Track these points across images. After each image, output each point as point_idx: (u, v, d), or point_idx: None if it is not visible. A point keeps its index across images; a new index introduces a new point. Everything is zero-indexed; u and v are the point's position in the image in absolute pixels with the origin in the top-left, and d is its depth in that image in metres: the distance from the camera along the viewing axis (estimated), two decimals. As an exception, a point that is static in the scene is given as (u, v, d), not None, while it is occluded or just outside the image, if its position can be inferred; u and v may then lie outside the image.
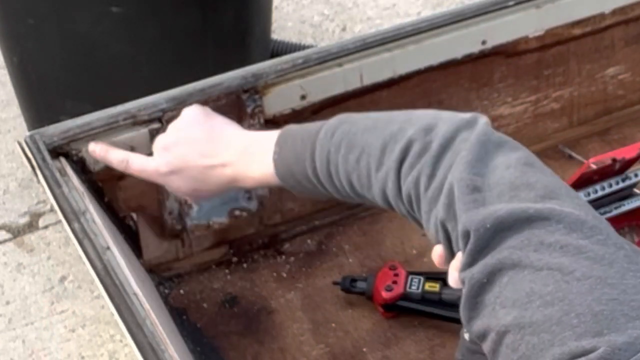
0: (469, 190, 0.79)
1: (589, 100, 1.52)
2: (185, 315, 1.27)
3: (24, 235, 1.78)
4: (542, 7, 1.37)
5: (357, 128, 0.92)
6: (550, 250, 0.72)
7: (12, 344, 1.58)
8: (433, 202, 0.83)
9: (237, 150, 1.04)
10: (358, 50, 1.27)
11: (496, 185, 0.79)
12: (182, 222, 1.28)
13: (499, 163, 0.81)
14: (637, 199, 1.26)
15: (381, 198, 0.90)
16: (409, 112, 0.92)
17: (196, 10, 1.60)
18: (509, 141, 0.84)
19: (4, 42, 1.71)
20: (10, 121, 2.03)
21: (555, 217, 0.74)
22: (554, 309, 0.69)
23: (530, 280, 0.71)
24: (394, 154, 0.87)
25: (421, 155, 0.85)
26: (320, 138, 0.94)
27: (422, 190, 0.84)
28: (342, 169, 0.92)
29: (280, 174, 1.00)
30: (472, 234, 0.76)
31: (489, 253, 0.75)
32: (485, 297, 0.74)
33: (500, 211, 0.76)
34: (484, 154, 0.81)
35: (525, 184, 0.78)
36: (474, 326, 0.76)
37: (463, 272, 0.76)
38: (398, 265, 1.27)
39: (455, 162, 0.82)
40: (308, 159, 0.95)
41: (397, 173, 0.87)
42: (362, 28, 2.29)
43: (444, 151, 0.84)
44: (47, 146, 1.13)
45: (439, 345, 1.23)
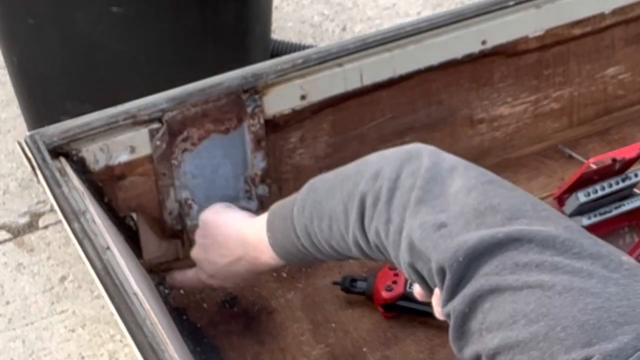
0: (434, 228, 0.79)
1: (589, 100, 1.52)
2: (185, 315, 1.27)
3: (24, 235, 1.78)
4: (542, 7, 1.37)
5: (321, 195, 0.96)
6: (526, 270, 0.72)
7: (12, 344, 1.58)
8: (396, 247, 0.84)
9: (242, 244, 1.11)
10: (358, 50, 1.27)
11: (461, 215, 0.79)
12: (182, 222, 1.28)
13: (459, 188, 0.81)
14: (637, 199, 1.26)
15: (360, 254, 0.93)
16: (359, 163, 0.94)
17: (196, 10, 1.60)
18: (460, 162, 0.85)
19: (4, 42, 1.71)
20: (10, 121, 2.03)
21: (525, 237, 0.74)
22: (539, 325, 0.68)
23: (511, 301, 0.71)
24: (354, 214, 0.89)
25: (375, 204, 0.86)
26: (295, 216, 0.99)
27: (383, 238, 0.85)
28: (322, 237, 0.96)
29: (281, 255, 1.06)
30: (447, 270, 0.76)
31: (466, 284, 0.75)
32: (470, 325, 0.74)
33: (469, 241, 0.75)
34: (439, 185, 0.82)
35: (489, 207, 0.78)
36: (465, 354, 0.76)
37: (445, 308, 0.77)
38: (398, 265, 1.26)
39: (409, 205, 0.82)
40: (293, 236, 1.00)
41: (361, 229, 0.89)
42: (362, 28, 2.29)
43: (393, 193, 0.84)
44: (47, 146, 1.13)
45: (439, 345, 1.23)
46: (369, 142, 1.36)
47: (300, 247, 1.01)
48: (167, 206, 1.26)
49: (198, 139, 1.23)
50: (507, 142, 1.47)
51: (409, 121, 1.37)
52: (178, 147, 1.23)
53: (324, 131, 1.33)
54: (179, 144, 1.23)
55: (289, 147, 1.32)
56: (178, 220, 1.28)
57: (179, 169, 1.24)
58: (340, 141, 1.35)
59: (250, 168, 1.29)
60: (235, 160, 1.29)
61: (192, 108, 1.21)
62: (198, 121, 1.22)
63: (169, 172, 1.24)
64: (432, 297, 0.83)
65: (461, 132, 1.43)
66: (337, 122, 1.33)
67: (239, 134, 1.26)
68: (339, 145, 1.35)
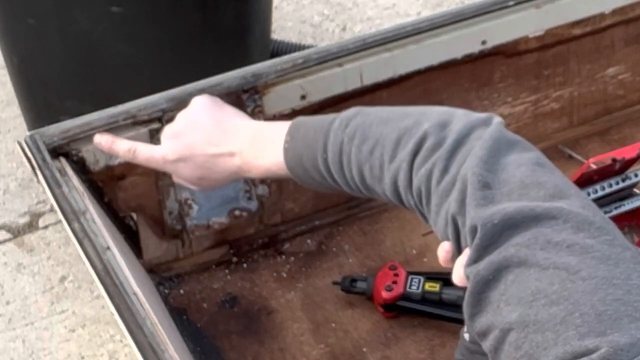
0: (480, 186, 0.79)
1: (589, 100, 1.52)
2: (185, 315, 1.27)
3: (24, 235, 1.78)
4: (542, 7, 1.37)
5: (372, 120, 0.93)
6: (557, 249, 0.72)
7: (12, 344, 1.58)
8: (444, 196, 0.83)
9: (246, 139, 1.04)
10: (358, 50, 1.27)
11: (506, 183, 0.79)
12: (182, 222, 1.28)
13: (511, 161, 0.81)
14: (637, 199, 1.26)
15: (391, 190, 0.90)
16: (425, 108, 0.92)
17: (196, 10, 1.60)
18: (522, 141, 0.85)
19: (4, 42, 1.71)
20: (10, 121, 2.03)
21: (563, 216, 0.74)
22: (558, 308, 0.69)
23: (536, 278, 0.71)
24: (408, 147, 0.87)
25: (435, 149, 0.85)
26: (334, 128, 0.94)
27: (433, 184, 0.84)
28: (355, 159, 0.92)
29: (289, 163, 0.99)
30: (480, 228, 0.76)
31: (495, 249, 0.75)
32: (490, 294, 0.74)
33: (508, 208, 0.76)
34: (496, 152, 0.82)
35: (535, 182, 0.79)
36: (476, 323, 0.76)
37: (469, 267, 0.77)
38: (398, 265, 1.27)
39: (468, 158, 0.82)
40: (320, 148, 0.95)
41: (409, 165, 0.87)
42: (362, 28, 2.29)
43: (458, 147, 0.84)
44: (47, 146, 1.13)
45: (439, 345, 1.23)
46: (369, 142, 1.36)
47: (320, 162, 0.95)
48: (167, 206, 1.26)
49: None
50: (507, 142, 1.47)
51: (409, 121, 1.37)
52: (178, 147, 1.23)
53: (324, 131, 1.33)
54: (179, 144, 1.23)
55: (289, 147, 1.32)
56: (178, 220, 1.28)
57: (179, 169, 1.24)
58: (340, 141, 1.35)
59: (250, 168, 1.29)
60: (235, 160, 1.28)
61: (192, 108, 1.20)
62: (198, 121, 1.22)
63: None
64: (458, 259, 0.82)
65: (461, 132, 1.43)
66: (337, 122, 1.33)
67: (239, 134, 1.26)
68: (339, 145, 1.35)
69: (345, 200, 1.39)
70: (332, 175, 0.95)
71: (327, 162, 0.95)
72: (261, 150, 1.02)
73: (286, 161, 0.99)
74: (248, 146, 1.03)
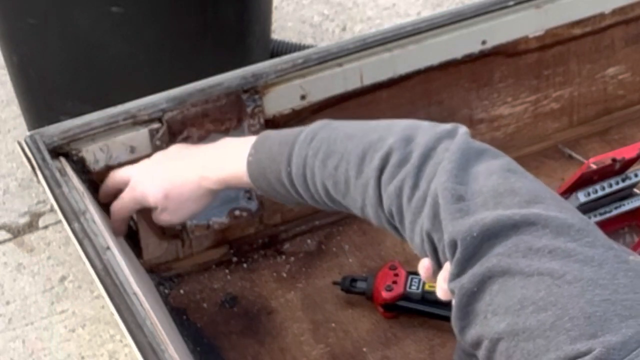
0: (453, 199, 0.79)
1: (589, 100, 1.52)
2: (185, 315, 1.27)
3: (24, 235, 1.78)
4: (542, 7, 1.37)
5: (337, 135, 0.92)
6: (539, 255, 0.72)
7: (12, 344, 1.58)
8: (417, 213, 0.82)
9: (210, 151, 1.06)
10: (358, 50, 1.27)
11: (480, 193, 0.79)
12: (182, 222, 1.28)
13: (481, 171, 0.81)
14: (637, 199, 1.26)
15: (360, 205, 0.90)
16: (391, 121, 0.92)
17: (196, 10, 1.60)
18: (489, 149, 0.85)
19: (4, 42, 1.71)
20: (10, 121, 2.03)
21: (541, 221, 0.74)
22: (547, 314, 0.69)
23: (521, 286, 0.71)
24: (374, 163, 0.87)
25: (401, 165, 0.85)
26: (299, 141, 0.94)
27: (405, 201, 0.84)
28: (319, 173, 0.92)
29: (252, 175, 1.00)
30: (459, 243, 0.76)
31: (477, 262, 0.75)
32: (476, 305, 0.74)
33: (486, 219, 0.76)
34: (465, 163, 0.81)
35: (509, 190, 0.78)
36: (466, 336, 0.76)
37: (452, 283, 0.76)
38: (398, 265, 1.27)
39: (437, 172, 0.82)
40: (284, 161, 0.95)
41: (377, 182, 0.86)
42: (362, 28, 2.29)
43: (426, 161, 0.84)
44: (47, 146, 1.13)
45: (439, 345, 1.23)
46: (369, 142, 1.36)
47: (284, 176, 0.95)
48: (167, 206, 1.26)
49: (198, 139, 1.23)
50: (507, 142, 1.47)
51: (409, 121, 1.37)
52: (178, 147, 1.23)
53: (324, 131, 1.33)
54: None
55: (289, 147, 1.32)
56: (178, 220, 1.28)
57: (179, 169, 1.24)
58: (340, 141, 1.35)
59: (250, 168, 1.29)
60: (235, 160, 1.28)
61: (192, 108, 1.21)
62: (198, 121, 1.22)
63: (169, 172, 1.23)
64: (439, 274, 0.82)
65: (461, 132, 1.43)
66: (337, 122, 1.33)
67: (239, 134, 1.26)
68: (339, 145, 1.35)
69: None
70: (296, 188, 0.96)
71: (290, 175, 0.95)
72: (223, 161, 1.04)
73: (249, 173, 1.00)
74: (212, 156, 1.05)
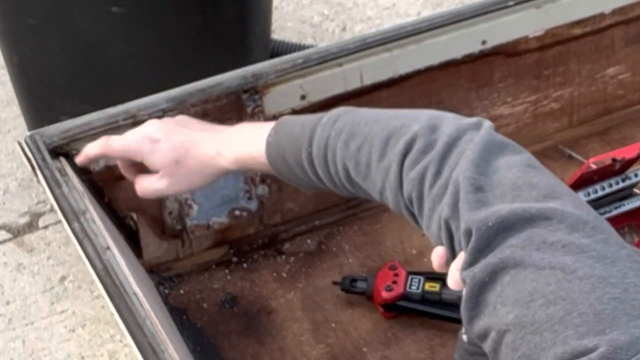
0: (472, 189, 0.79)
1: (589, 100, 1.52)
2: (185, 315, 1.27)
3: (24, 235, 1.78)
4: (542, 7, 1.37)
5: (362, 118, 0.93)
6: (552, 249, 0.72)
7: (12, 344, 1.58)
8: (437, 200, 0.83)
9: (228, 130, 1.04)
10: (358, 50, 1.27)
11: (499, 185, 0.79)
12: (182, 222, 1.28)
13: (502, 164, 0.81)
14: (637, 199, 1.26)
15: (379, 189, 0.89)
16: (414, 110, 0.92)
17: (196, 10, 1.60)
18: (512, 144, 0.85)
19: (4, 42, 1.71)
20: (10, 121, 2.03)
21: (557, 216, 0.75)
22: (556, 308, 0.69)
23: (532, 279, 0.72)
24: (398, 147, 0.87)
25: (426, 151, 0.85)
26: (322, 123, 0.94)
27: (426, 188, 0.84)
28: (340, 154, 0.92)
29: (271, 156, 0.98)
30: (474, 232, 0.76)
31: (490, 252, 0.75)
32: (486, 296, 0.74)
33: (502, 210, 0.76)
34: (487, 155, 0.82)
35: (527, 184, 0.79)
36: (474, 326, 0.76)
37: (464, 271, 0.77)
38: (398, 265, 1.27)
39: (460, 161, 0.82)
40: (305, 142, 0.94)
41: (399, 166, 0.86)
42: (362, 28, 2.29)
43: (450, 150, 0.84)
44: (47, 146, 1.13)
45: (439, 345, 1.23)
46: (369, 142, 1.36)
47: (304, 157, 0.94)
48: (167, 206, 1.26)
49: (198, 139, 1.23)
50: (507, 142, 1.47)
51: (409, 121, 1.37)
52: (178, 147, 1.23)
53: (324, 131, 1.33)
54: (179, 144, 1.23)
55: (289, 147, 1.32)
56: (178, 220, 1.28)
57: (179, 169, 1.24)
58: (340, 141, 1.35)
59: (250, 168, 1.29)
60: (235, 160, 1.28)
61: (192, 108, 1.21)
62: (198, 121, 1.22)
63: (169, 172, 1.23)
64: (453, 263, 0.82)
65: (461, 132, 1.43)
66: (337, 122, 1.33)
67: (239, 134, 1.26)
68: (339, 145, 1.35)
69: (345, 200, 1.39)
70: (315, 170, 0.95)
71: (311, 156, 0.94)
72: (242, 139, 1.01)
73: (268, 154, 0.98)
74: (231, 134, 1.03)
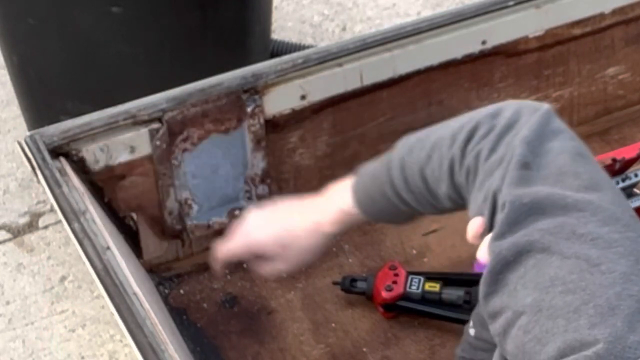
0: (519, 165, 0.81)
1: (589, 100, 1.52)
2: (185, 315, 1.27)
3: (24, 235, 1.78)
4: (542, 7, 1.37)
5: (428, 131, 0.97)
6: (581, 240, 0.74)
7: (12, 344, 1.58)
8: (489, 173, 0.85)
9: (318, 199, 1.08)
10: (358, 50, 1.27)
11: (545, 167, 0.81)
12: (182, 222, 1.28)
13: (554, 147, 0.83)
14: (637, 199, 1.26)
15: (448, 181, 0.92)
16: (478, 110, 0.96)
17: (196, 10, 1.60)
18: (567, 130, 0.87)
19: (4, 42, 1.70)
20: (10, 121, 2.03)
21: (591, 209, 0.76)
22: (574, 297, 0.70)
23: (557, 266, 0.73)
24: (462, 135, 0.90)
25: (486, 135, 0.88)
26: (395, 152, 0.99)
27: (481, 162, 0.86)
28: (416, 166, 0.95)
29: (360, 203, 1.03)
30: (508, 205, 0.78)
31: (520, 230, 0.77)
32: (508, 275, 0.76)
33: (540, 192, 0.78)
34: (541, 136, 0.84)
35: (572, 172, 0.80)
36: (490, 302, 0.77)
37: (493, 243, 0.78)
38: (398, 265, 1.27)
39: (515, 139, 0.84)
40: (384, 173, 0.99)
41: (462, 150, 0.89)
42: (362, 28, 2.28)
43: (508, 130, 0.86)
44: (47, 146, 1.13)
45: (439, 345, 1.23)
46: (369, 142, 1.36)
47: (387, 187, 0.98)
48: (167, 206, 1.26)
49: (198, 139, 1.23)
50: (507, 142, 1.47)
51: (409, 121, 1.37)
52: (178, 147, 1.23)
53: (324, 131, 1.33)
54: (179, 144, 1.23)
55: (289, 147, 1.32)
56: (178, 220, 1.28)
57: (179, 169, 1.24)
58: (340, 141, 1.35)
59: (250, 168, 1.29)
60: (235, 160, 1.29)
61: (192, 108, 1.21)
62: (198, 121, 1.22)
63: (169, 172, 1.24)
64: (485, 237, 0.84)
65: (461, 132, 1.43)
66: (337, 122, 1.33)
67: (239, 134, 1.26)
68: (339, 145, 1.35)
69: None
70: (399, 195, 0.98)
71: (393, 182, 0.98)
72: (331, 202, 1.06)
73: (357, 202, 1.03)
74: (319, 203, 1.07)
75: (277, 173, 1.33)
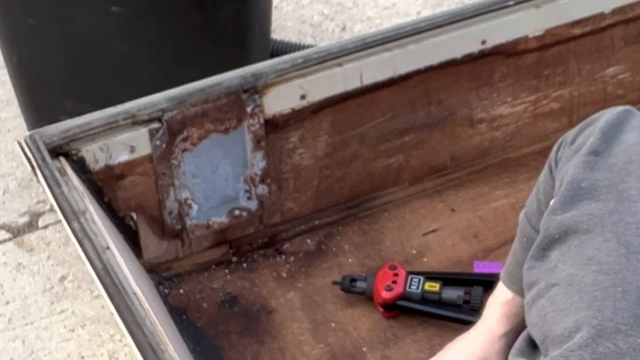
0: (589, 152, 0.85)
1: (589, 100, 1.52)
2: (185, 315, 1.27)
3: (24, 235, 1.78)
4: (542, 7, 1.37)
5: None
6: (627, 228, 0.76)
7: (12, 344, 1.58)
8: (567, 160, 0.89)
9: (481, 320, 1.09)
10: (358, 50, 1.27)
11: (615, 156, 0.84)
12: (182, 222, 1.28)
13: (630, 139, 0.86)
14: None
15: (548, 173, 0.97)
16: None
17: (196, 10, 1.60)
18: None
19: (4, 42, 1.71)
20: (10, 121, 2.03)
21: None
22: (605, 278, 0.73)
23: (597, 248, 0.76)
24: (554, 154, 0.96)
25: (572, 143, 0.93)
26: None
27: (562, 153, 0.92)
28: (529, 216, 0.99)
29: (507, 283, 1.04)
30: (566, 185, 0.82)
31: (571, 210, 0.80)
32: (552, 253, 0.80)
33: (600, 181, 0.81)
34: (619, 126, 0.87)
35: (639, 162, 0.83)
36: (529, 273, 0.82)
37: (547, 216, 0.82)
38: (398, 265, 1.27)
39: (593, 129, 0.89)
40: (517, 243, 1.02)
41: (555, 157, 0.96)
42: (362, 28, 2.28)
43: (589, 124, 0.92)
44: (47, 146, 1.13)
45: (439, 345, 1.23)
46: (369, 142, 1.36)
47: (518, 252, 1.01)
48: (167, 206, 1.26)
49: (198, 139, 1.23)
50: (507, 142, 1.47)
51: (409, 121, 1.37)
52: (178, 147, 1.23)
53: (324, 131, 1.33)
54: (179, 144, 1.23)
55: (289, 147, 1.32)
56: (178, 220, 1.28)
57: (179, 169, 1.24)
58: (340, 141, 1.35)
59: (250, 168, 1.29)
60: (235, 160, 1.29)
61: (192, 108, 1.21)
62: (198, 121, 1.22)
63: (169, 172, 1.24)
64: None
65: (461, 132, 1.43)
66: (337, 122, 1.33)
67: (239, 134, 1.26)
68: (339, 145, 1.35)
69: (345, 200, 1.39)
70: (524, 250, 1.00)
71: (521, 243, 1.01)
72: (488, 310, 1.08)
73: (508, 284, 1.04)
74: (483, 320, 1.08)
75: (277, 173, 1.33)
